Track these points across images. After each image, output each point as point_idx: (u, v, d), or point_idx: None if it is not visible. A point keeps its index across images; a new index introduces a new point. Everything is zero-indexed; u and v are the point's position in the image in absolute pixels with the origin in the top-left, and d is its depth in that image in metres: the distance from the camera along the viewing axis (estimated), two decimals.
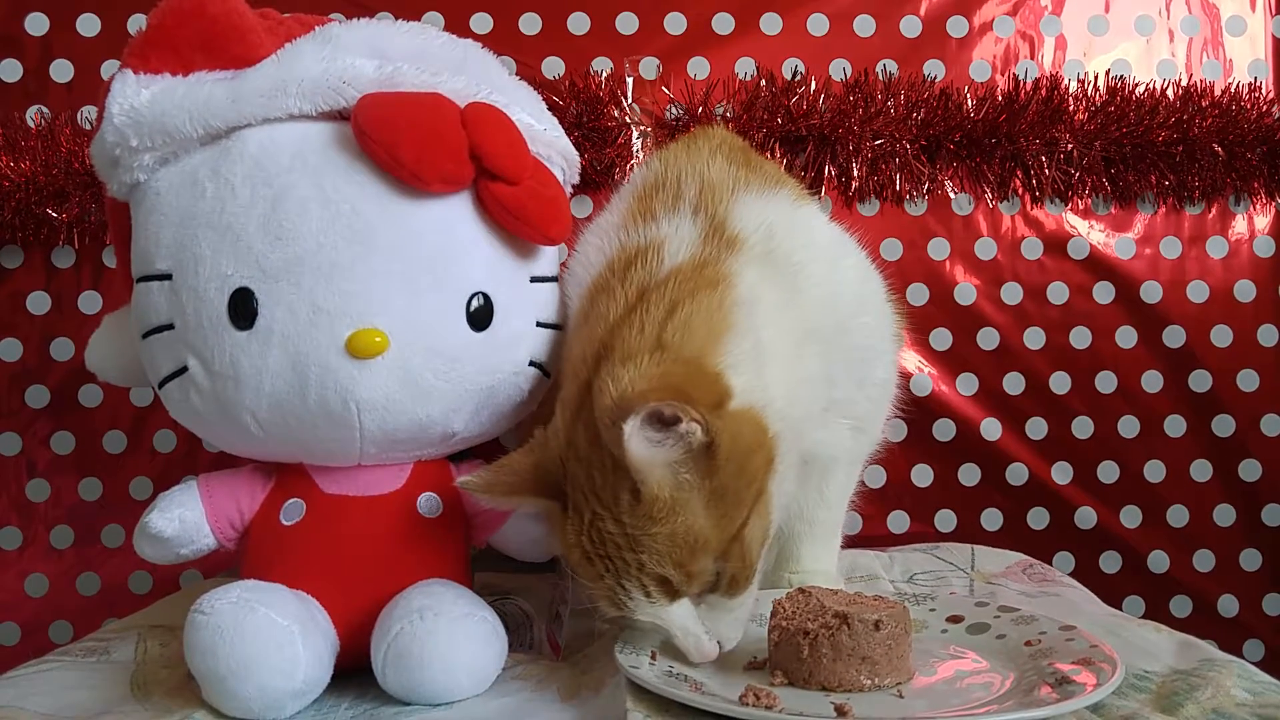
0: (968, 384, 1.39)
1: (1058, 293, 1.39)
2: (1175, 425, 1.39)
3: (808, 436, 0.85)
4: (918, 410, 1.36)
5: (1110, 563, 1.39)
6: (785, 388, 0.78)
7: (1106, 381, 1.39)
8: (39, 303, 1.33)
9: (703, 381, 0.71)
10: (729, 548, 0.73)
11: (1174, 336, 1.39)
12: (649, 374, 0.71)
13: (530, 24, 1.36)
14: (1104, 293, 1.39)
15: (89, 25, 1.32)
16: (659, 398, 0.67)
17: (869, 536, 1.33)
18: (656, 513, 0.71)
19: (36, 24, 1.32)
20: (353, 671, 0.78)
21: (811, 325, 0.84)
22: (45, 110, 1.30)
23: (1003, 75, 1.38)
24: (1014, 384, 1.39)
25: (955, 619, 0.85)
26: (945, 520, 1.39)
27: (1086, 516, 1.38)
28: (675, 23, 1.37)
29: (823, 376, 0.86)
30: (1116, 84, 1.35)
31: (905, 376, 1.36)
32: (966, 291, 1.38)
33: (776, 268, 0.83)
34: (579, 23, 1.36)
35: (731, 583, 0.74)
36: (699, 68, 1.36)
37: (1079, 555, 1.38)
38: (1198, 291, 1.39)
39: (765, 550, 0.77)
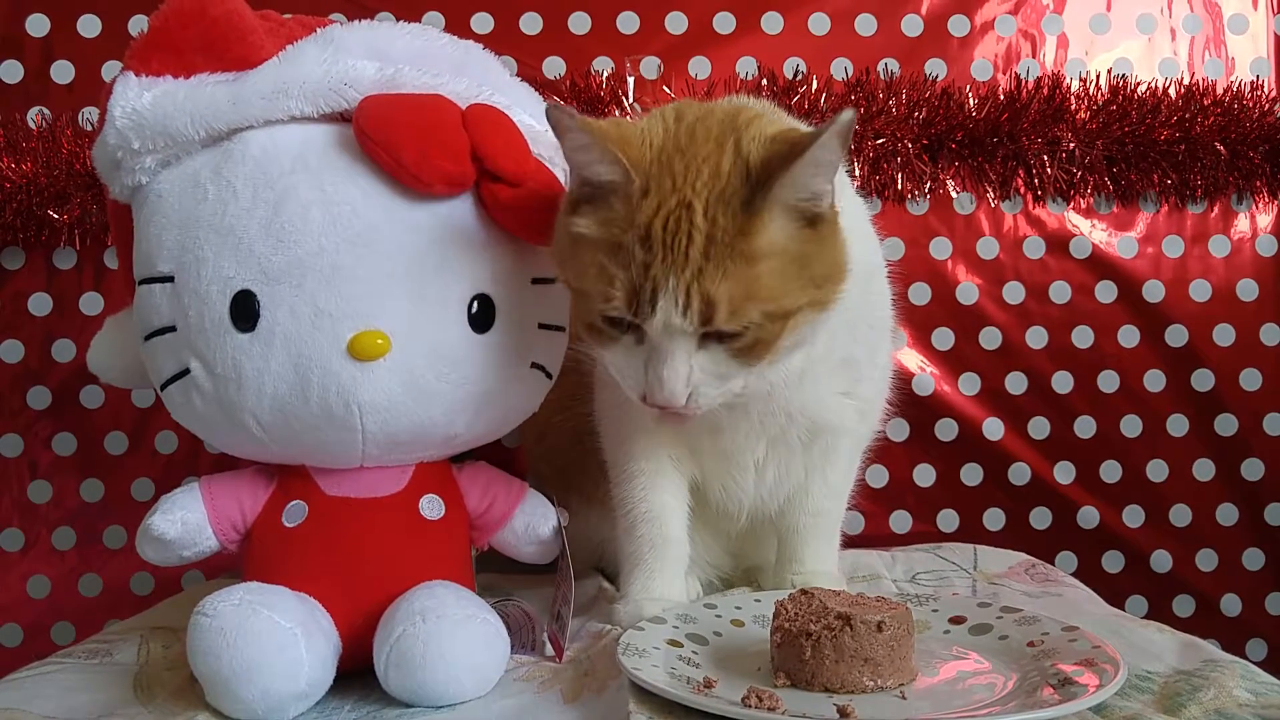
0: (970, 383, 1.38)
1: (1060, 292, 1.39)
2: (1178, 424, 1.39)
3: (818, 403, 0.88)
4: (920, 410, 1.37)
5: (1113, 562, 1.39)
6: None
7: (1109, 381, 1.39)
8: (40, 304, 1.33)
9: None
10: (775, 317, 0.73)
11: (1176, 336, 1.39)
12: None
13: (531, 24, 1.36)
14: (1106, 292, 1.39)
15: (90, 26, 1.32)
16: (842, 122, 0.69)
17: (871, 536, 1.33)
18: (755, 234, 0.71)
19: (37, 25, 1.32)
20: (355, 673, 0.78)
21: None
22: (46, 111, 1.30)
23: (1004, 74, 1.38)
24: (1016, 383, 1.39)
25: (958, 620, 0.84)
26: (948, 520, 1.39)
27: (1089, 516, 1.38)
28: (676, 22, 1.37)
29: (845, 324, 0.85)
30: (1118, 83, 1.35)
31: (906, 376, 1.36)
32: (969, 291, 1.38)
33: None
34: (580, 22, 1.36)
35: (748, 349, 0.74)
36: (700, 67, 1.36)
37: (1081, 555, 1.38)
38: (1200, 290, 1.39)
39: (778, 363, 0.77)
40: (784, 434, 0.92)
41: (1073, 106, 1.34)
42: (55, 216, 1.28)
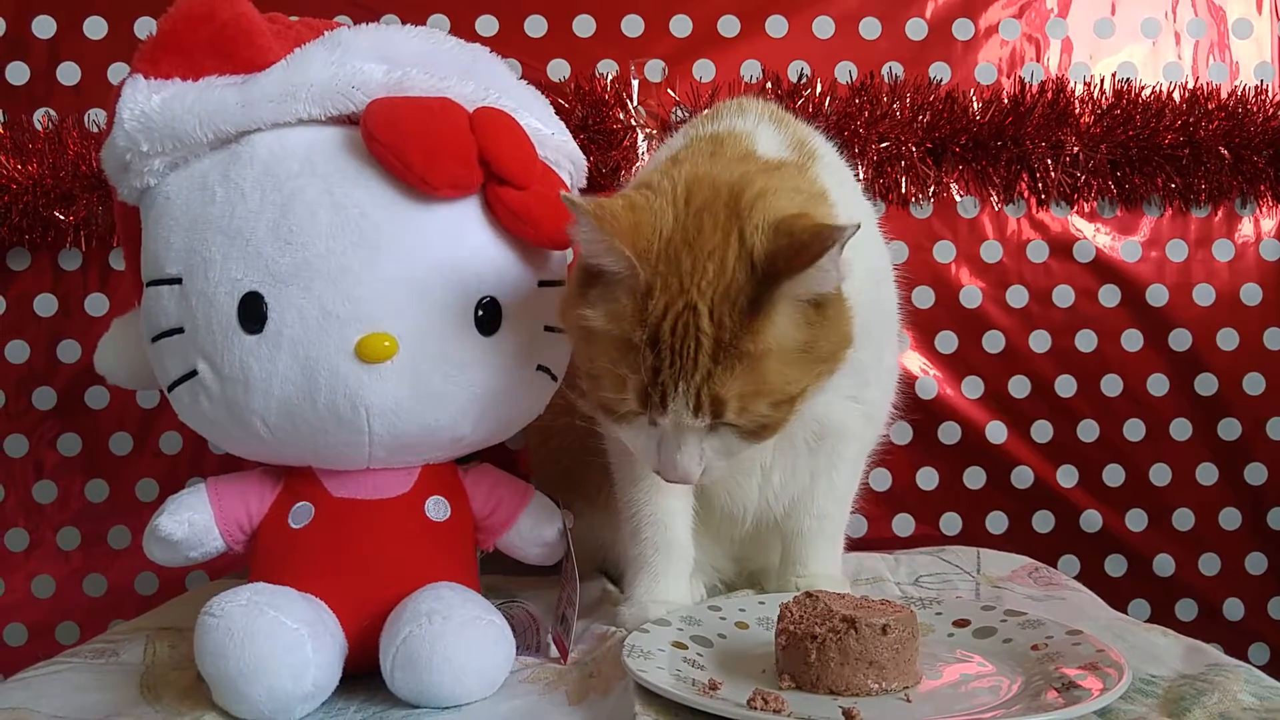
0: (973, 387, 1.39)
1: (1063, 296, 1.39)
2: (1181, 429, 1.39)
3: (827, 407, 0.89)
4: (923, 413, 1.37)
5: (1115, 566, 1.39)
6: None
7: (1112, 385, 1.39)
8: (46, 305, 1.33)
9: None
10: (782, 405, 0.74)
11: (1180, 339, 1.39)
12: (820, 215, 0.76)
13: (536, 26, 1.36)
14: (1110, 296, 1.39)
15: (96, 28, 1.32)
16: (848, 233, 0.69)
17: (874, 539, 1.33)
18: (762, 333, 0.71)
19: (44, 26, 1.32)
20: (361, 674, 0.78)
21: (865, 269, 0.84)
22: (52, 113, 1.30)
23: (1008, 78, 1.38)
24: (1019, 387, 1.39)
25: (962, 623, 0.85)
26: (950, 523, 1.38)
27: (1092, 520, 1.38)
28: (680, 25, 1.37)
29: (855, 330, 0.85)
30: (1122, 87, 1.35)
31: (909, 379, 1.36)
32: (972, 294, 1.38)
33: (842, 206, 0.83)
34: (584, 25, 1.36)
35: (756, 432, 0.76)
36: (704, 70, 1.36)
37: (1084, 558, 1.38)
38: (1204, 295, 1.39)
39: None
40: (791, 438, 0.92)
41: (1077, 110, 1.34)
42: (61, 218, 1.28)
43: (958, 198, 1.38)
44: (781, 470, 0.94)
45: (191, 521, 0.82)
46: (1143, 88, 1.35)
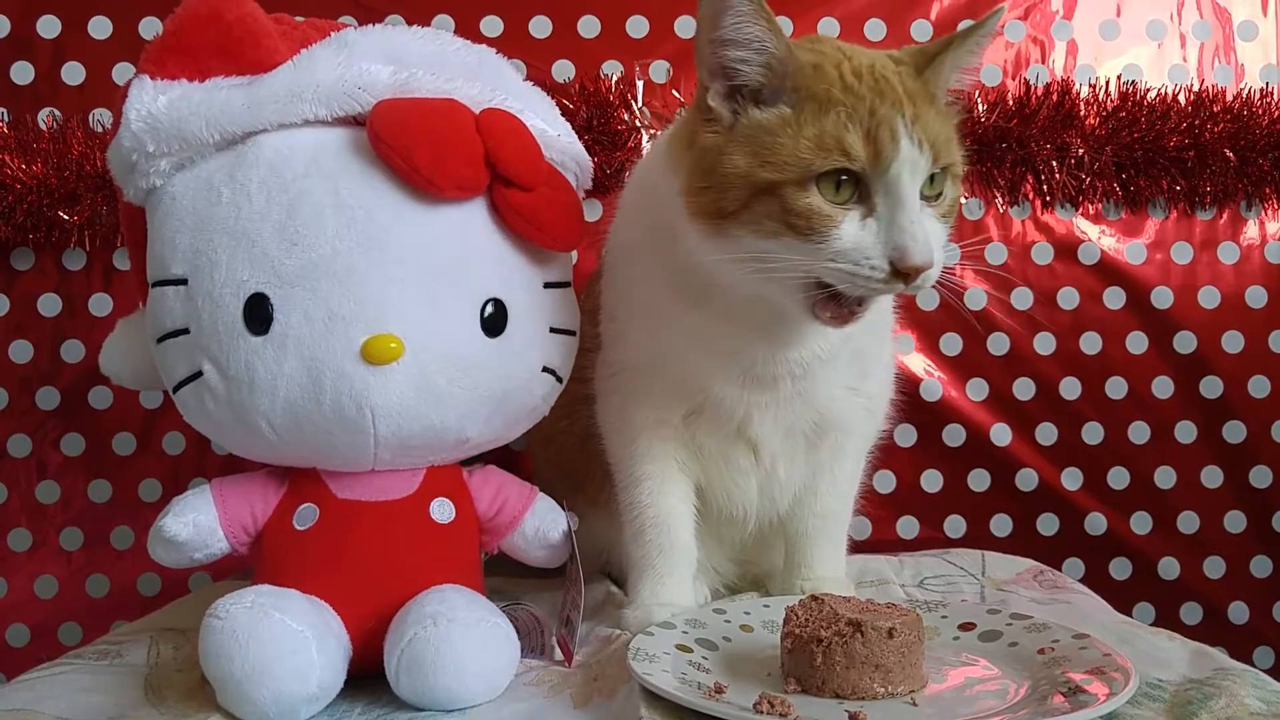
0: (978, 389, 1.38)
1: (1068, 298, 1.39)
2: (1186, 431, 1.39)
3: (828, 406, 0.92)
4: (928, 415, 1.36)
5: (1120, 569, 1.38)
6: None
7: (1117, 387, 1.38)
8: (50, 305, 1.33)
9: None
10: (956, 176, 0.80)
11: (1185, 342, 1.38)
12: None
13: (540, 27, 1.36)
14: (1114, 298, 1.39)
15: (101, 28, 1.32)
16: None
17: (879, 541, 1.33)
18: (934, 91, 0.79)
19: (48, 26, 1.32)
20: (366, 676, 0.78)
21: None
22: (57, 113, 1.30)
23: (1014, 80, 1.38)
24: (1024, 389, 1.38)
25: (967, 626, 0.85)
26: (955, 526, 1.38)
27: (1096, 522, 1.38)
28: (685, 26, 1.36)
29: None
30: (1128, 89, 1.35)
31: (914, 381, 1.36)
32: (977, 296, 1.38)
33: None
34: (589, 26, 1.36)
35: (946, 214, 0.80)
36: None
37: (1089, 561, 1.38)
38: (1209, 297, 1.39)
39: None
40: (793, 432, 0.92)
41: (1082, 112, 1.34)
42: (65, 218, 1.28)
43: (963, 199, 1.38)
44: (784, 465, 0.94)
45: (196, 523, 0.82)
46: (1148, 90, 1.35)
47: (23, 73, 1.32)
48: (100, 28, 1.32)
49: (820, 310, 0.78)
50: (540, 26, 1.36)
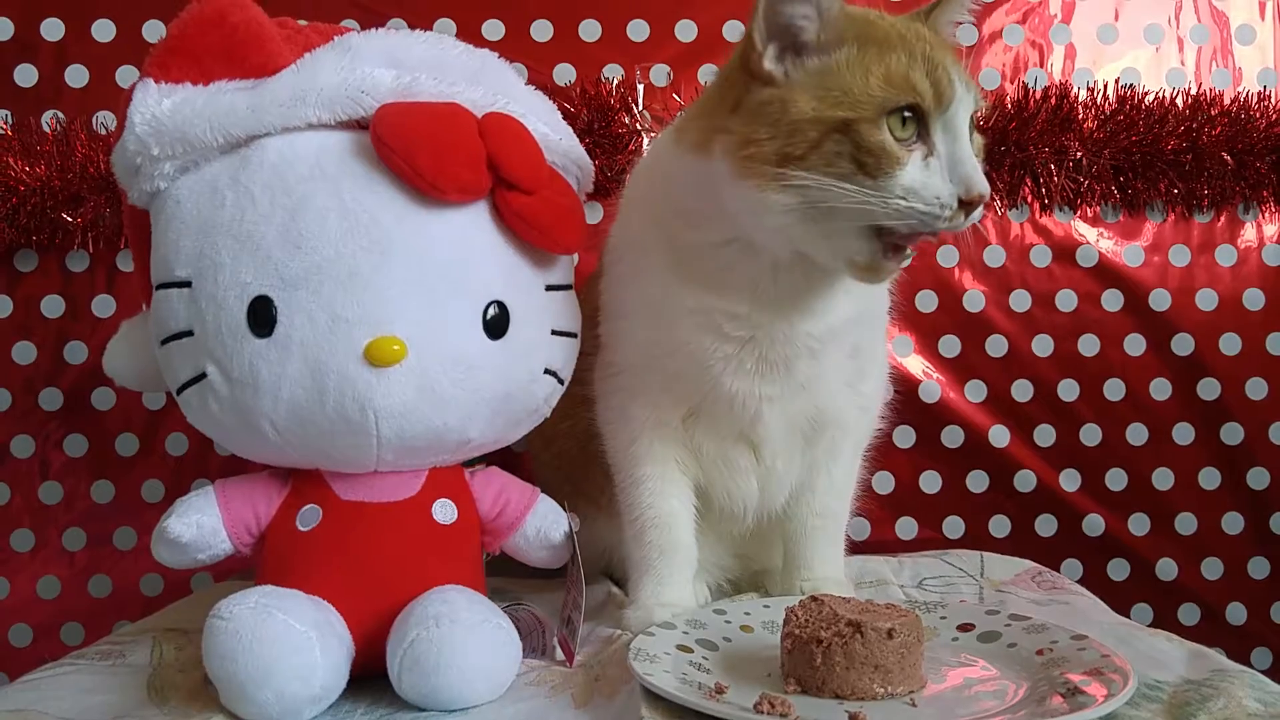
0: (976, 391, 1.39)
1: (1066, 300, 1.39)
2: (1184, 433, 1.39)
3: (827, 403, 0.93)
4: (926, 417, 1.37)
5: (1118, 570, 1.39)
6: None
7: (1115, 389, 1.39)
8: (53, 306, 1.33)
9: None
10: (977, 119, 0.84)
11: (1182, 344, 1.39)
12: None
13: (542, 31, 1.36)
14: (1112, 300, 1.39)
15: (104, 30, 1.32)
16: None
17: (877, 542, 1.34)
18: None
19: (52, 29, 1.32)
20: (368, 677, 0.79)
21: None
22: (60, 115, 1.31)
23: (1012, 83, 1.39)
24: (1022, 391, 1.39)
25: (966, 627, 0.85)
26: (953, 527, 1.39)
27: (1094, 524, 1.38)
28: (686, 30, 1.37)
29: (858, 308, 0.91)
30: (1126, 92, 1.36)
31: (913, 383, 1.37)
32: (975, 299, 1.39)
33: None
34: (590, 29, 1.36)
35: (978, 151, 0.82)
36: (710, 74, 1.36)
37: (1087, 562, 1.38)
38: (1206, 299, 1.39)
39: None
40: (790, 428, 0.93)
41: (1080, 116, 1.34)
42: (68, 219, 1.28)
43: None
44: (783, 461, 0.95)
45: (199, 524, 0.83)
46: (1146, 93, 1.36)
47: (26, 75, 1.32)
48: (104, 30, 1.32)
49: (891, 256, 0.80)
50: (541, 30, 1.36)
